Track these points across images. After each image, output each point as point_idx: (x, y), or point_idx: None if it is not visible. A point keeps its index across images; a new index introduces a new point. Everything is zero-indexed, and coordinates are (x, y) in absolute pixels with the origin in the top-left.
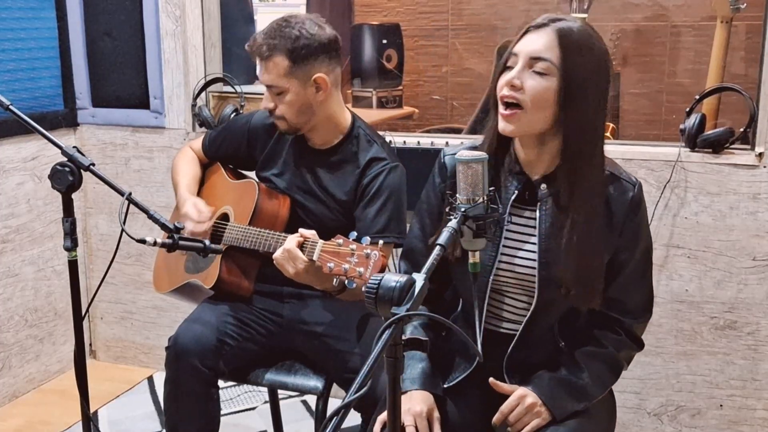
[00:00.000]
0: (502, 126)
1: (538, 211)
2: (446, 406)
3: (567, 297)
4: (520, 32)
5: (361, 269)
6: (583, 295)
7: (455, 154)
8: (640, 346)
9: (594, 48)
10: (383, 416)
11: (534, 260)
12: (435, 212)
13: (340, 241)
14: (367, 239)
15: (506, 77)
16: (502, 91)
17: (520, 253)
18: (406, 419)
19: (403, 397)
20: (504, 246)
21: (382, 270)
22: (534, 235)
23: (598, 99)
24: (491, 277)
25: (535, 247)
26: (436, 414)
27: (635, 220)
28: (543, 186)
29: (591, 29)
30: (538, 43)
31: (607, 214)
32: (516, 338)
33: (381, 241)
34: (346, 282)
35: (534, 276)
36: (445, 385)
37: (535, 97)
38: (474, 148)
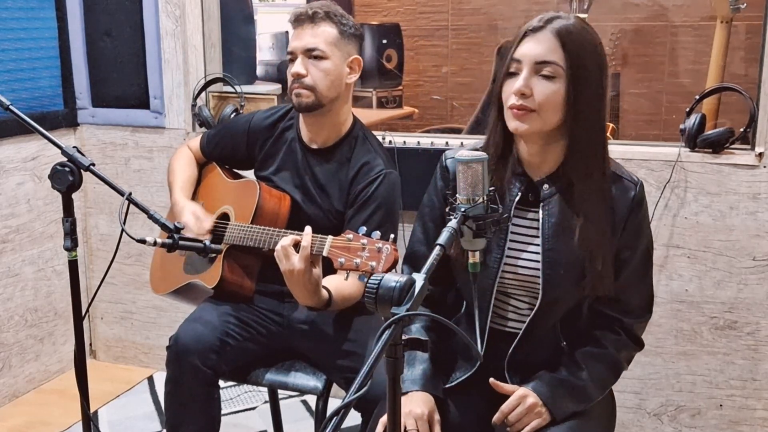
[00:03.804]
0: (515, 125)
1: (540, 212)
2: (447, 406)
3: (579, 289)
4: (517, 37)
5: (373, 263)
6: (593, 282)
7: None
8: (640, 345)
9: (593, 42)
10: (385, 418)
11: (538, 261)
12: (438, 215)
13: (350, 236)
14: (377, 233)
15: (514, 86)
16: (511, 100)
17: (524, 255)
18: (408, 422)
19: (404, 398)
20: (509, 248)
21: (395, 264)
22: (537, 237)
23: (601, 93)
24: (497, 280)
25: (538, 249)
26: (437, 416)
27: (637, 219)
28: (545, 186)
29: (584, 23)
30: (541, 47)
31: (609, 212)
32: (518, 337)
33: (392, 235)
34: (358, 277)
35: (538, 277)
36: (446, 385)
37: (546, 101)
38: (476, 149)
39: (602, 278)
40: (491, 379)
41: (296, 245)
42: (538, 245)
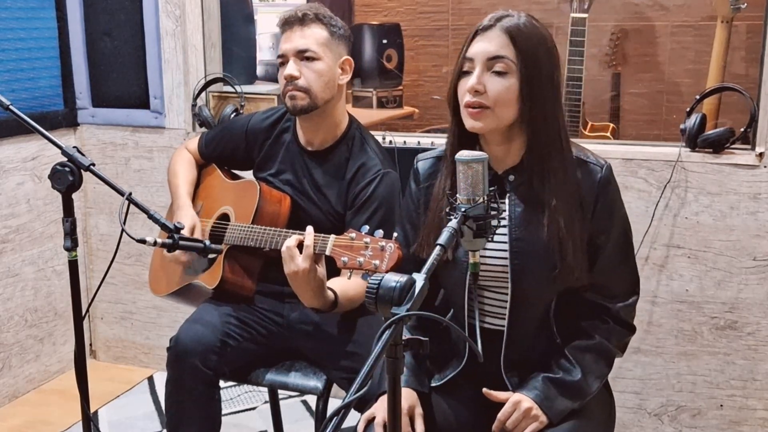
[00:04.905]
0: (471, 124)
1: (507, 202)
2: (439, 403)
3: (551, 281)
4: (468, 36)
5: (377, 261)
6: (564, 272)
7: (427, 159)
8: (631, 330)
9: (543, 37)
10: (367, 414)
11: (506, 251)
12: (414, 218)
13: (353, 234)
14: (380, 232)
15: (467, 84)
16: (466, 98)
17: (492, 245)
18: (387, 417)
19: (385, 396)
20: None
21: (399, 262)
22: (504, 226)
23: (555, 87)
24: (468, 273)
25: (505, 238)
26: (419, 410)
27: (606, 201)
28: (511, 177)
29: (534, 19)
30: (492, 44)
31: (576, 200)
32: (505, 334)
33: (396, 234)
34: (362, 276)
35: (507, 266)
36: (436, 383)
37: (499, 98)
38: (442, 153)
39: (572, 269)
40: (484, 390)
41: (300, 245)
42: (504, 235)
